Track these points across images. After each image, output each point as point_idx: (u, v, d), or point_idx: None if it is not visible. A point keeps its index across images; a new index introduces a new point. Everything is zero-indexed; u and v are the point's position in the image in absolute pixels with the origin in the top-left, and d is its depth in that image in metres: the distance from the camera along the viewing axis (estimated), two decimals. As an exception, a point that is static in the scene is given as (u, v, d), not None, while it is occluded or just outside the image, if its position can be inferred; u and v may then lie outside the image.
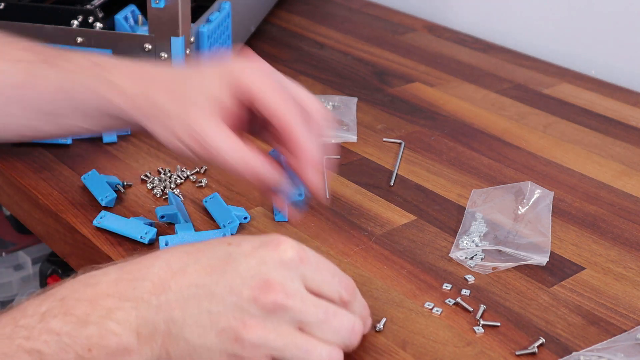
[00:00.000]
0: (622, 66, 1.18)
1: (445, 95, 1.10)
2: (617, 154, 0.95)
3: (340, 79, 1.14)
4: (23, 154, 0.88)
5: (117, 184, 0.83)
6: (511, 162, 0.93)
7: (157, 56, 0.91)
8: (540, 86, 1.14)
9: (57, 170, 0.86)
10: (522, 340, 0.64)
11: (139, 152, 0.90)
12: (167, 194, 0.82)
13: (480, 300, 0.68)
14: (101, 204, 0.79)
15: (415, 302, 0.68)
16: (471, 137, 0.98)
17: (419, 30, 1.35)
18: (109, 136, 0.91)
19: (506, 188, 0.84)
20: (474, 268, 0.73)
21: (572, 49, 1.24)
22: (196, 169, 0.87)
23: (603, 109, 1.07)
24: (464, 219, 0.79)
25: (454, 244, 0.76)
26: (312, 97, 0.70)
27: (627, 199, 0.86)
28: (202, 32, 0.96)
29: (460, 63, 1.21)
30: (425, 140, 0.97)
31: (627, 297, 0.70)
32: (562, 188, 0.87)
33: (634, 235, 0.79)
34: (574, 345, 0.64)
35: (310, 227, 0.78)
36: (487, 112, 1.05)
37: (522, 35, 1.30)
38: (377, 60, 1.21)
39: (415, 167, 0.90)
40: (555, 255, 0.75)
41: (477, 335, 0.64)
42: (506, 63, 1.22)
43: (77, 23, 0.94)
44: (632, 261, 0.75)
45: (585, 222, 0.81)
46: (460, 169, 0.90)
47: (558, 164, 0.93)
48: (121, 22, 0.93)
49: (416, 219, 0.80)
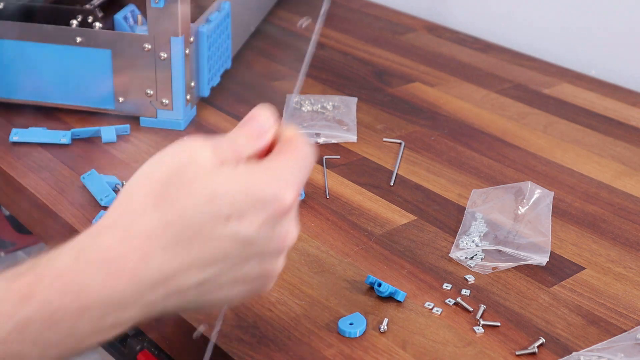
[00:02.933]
0: (622, 66, 1.18)
1: (445, 95, 1.10)
2: (617, 154, 0.95)
3: (340, 79, 1.14)
4: (23, 154, 0.88)
5: (117, 184, 0.83)
6: (511, 162, 0.93)
7: (157, 56, 0.91)
8: (540, 86, 1.14)
9: (56, 170, 0.86)
10: (522, 340, 0.64)
11: (138, 152, 0.90)
12: (166, 193, 0.82)
13: (480, 300, 0.68)
14: (100, 203, 0.79)
15: (415, 302, 0.68)
16: (471, 137, 0.98)
17: (419, 30, 1.35)
18: (108, 136, 0.91)
19: (506, 188, 0.84)
20: (474, 268, 0.73)
21: (572, 49, 1.24)
22: (196, 169, 0.87)
23: (603, 109, 1.07)
24: (464, 219, 0.79)
25: (454, 244, 0.76)
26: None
27: (627, 199, 0.86)
28: (201, 32, 0.96)
29: (460, 63, 1.21)
30: (425, 140, 0.97)
31: (627, 297, 0.70)
32: (562, 188, 0.87)
33: (634, 235, 0.79)
34: (574, 345, 0.64)
35: (310, 227, 0.78)
36: (487, 112, 1.05)
37: (522, 35, 1.30)
38: (377, 60, 1.21)
39: (415, 167, 0.90)
40: (555, 255, 0.75)
41: (477, 335, 0.64)
42: (506, 63, 1.21)
43: (76, 23, 0.94)
44: (632, 261, 0.75)
45: (585, 222, 0.81)
46: (460, 169, 0.90)
47: (558, 164, 0.93)
48: (121, 22, 0.93)
49: (416, 219, 0.80)
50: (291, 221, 0.53)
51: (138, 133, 0.94)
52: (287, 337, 0.64)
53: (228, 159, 0.51)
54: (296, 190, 0.52)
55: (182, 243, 0.49)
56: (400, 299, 0.67)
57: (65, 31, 0.92)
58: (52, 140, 0.90)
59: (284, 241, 0.53)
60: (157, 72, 0.92)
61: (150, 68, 0.92)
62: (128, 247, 0.49)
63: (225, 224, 0.49)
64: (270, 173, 0.51)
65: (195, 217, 0.49)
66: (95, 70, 0.93)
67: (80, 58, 0.92)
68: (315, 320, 0.65)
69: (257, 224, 0.50)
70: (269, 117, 0.55)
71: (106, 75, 0.93)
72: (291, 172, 0.52)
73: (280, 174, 0.52)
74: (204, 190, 0.50)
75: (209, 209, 0.49)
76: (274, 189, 0.51)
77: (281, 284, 0.69)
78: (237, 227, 0.50)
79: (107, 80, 0.93)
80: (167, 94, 0.93)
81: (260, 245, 0.51)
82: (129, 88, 0.93)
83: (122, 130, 0.93)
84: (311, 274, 0.71)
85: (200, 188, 0.50)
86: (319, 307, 0.67)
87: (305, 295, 0.68)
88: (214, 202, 0.49)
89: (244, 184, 0.50)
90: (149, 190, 0.50)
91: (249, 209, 0.50)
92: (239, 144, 0.53)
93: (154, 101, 0.94)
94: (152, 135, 0.94)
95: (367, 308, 0.67)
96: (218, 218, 0.49)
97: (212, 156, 0.51)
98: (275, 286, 0.69)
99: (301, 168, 0.53)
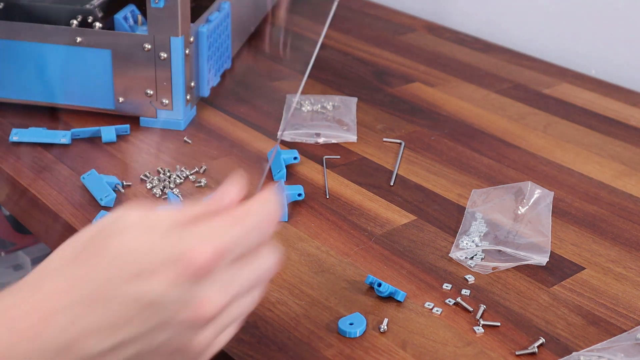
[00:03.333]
0: (622, 66, 1.18)
1: (445, 95, 1.10)
2: (617, 154, 0.95)
3: (340, 79, 1.14)
4: (23, 154, 0.88)
5: (117, 184, 0.83)
6: (511, 162, 0.93)
7: (157, 56, 0.91)
8: (540, 86, 1.14)
9: (56, 170, 0.86)
10: (522, 340, 0.64)
11: (138, 152, 0.90)
12: (166, 193, 0.82)
13: (480, 300, 0.68)
14: (100, 204, 0.79)
15: (415, 302, 0.68)
16: (471, 137, 0.98)
17: (419, 30, 1.35)
18: (108, 136, 0.91)
19: (506, 188, 0.84)
20: (474, 268, 0.73)
21: (572, 49, 1.24)
22: (195, 169, 0.87)
23: (603, 109, 1.07)
24: (464, 219, 0.79)
25: (454, 244, 0.76)
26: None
27: (627, 199, 0.86)
28: (201, 32, 0.96)
29: (460, 63, 1.21)
30: (425, 140, 0.97)
31: (627, 297, 0.70)
32: (562, 188, 0.87)
33: (634, 235, 0.79)
34: (574, 345, 0.64)
35: (310, 227, 0.78)
36: (487, 112, 1.05)
37: (522, 35, 1.30)
38: (377, 60, 1.21)
39: (415, 167, 0.90)
40: (555, 255, 0.75)
41: (477, 335, 0.64)
42: (506, 63, 1.21)
43: (76, 23, 0.94)
44: (632, 261, 0.75)
45: (585, 222, 0.81)
46: (460, 169, 0.90)
47: (558, 164, 0.93)
48: (120, 22, 0.93)
49: (416, 219, 0.80)
50: (213, 286, 0.46)
51: (138, 133, 0.94)
52: (287, 337, 0.64)
53: (161, 222, 0.47)
54: (215, 248, 0.45)
55: (87, 302, 0.45)
56: (400, 299, 0.67)
57: (65, 31, 0.92)
58: (52, 140, 0.90)
59: (201, 309, 0.46)
60: (157, 72, 0.92)
61: (150, 68, 0.92)
62: (31, 306, 0.45)
63: (130, 284, 0.45)
64: (189, 231, 0.46)
65: (101, 275, 0.45)
66: (95, 70, 0.93)
67: (80, 58, 0.92)
68: (315, 320, 0.65)
69: (164, 284, 0.45)
70: (233, 192, 0.50)
71: (106, 75, 0.93)
72: (214, 230, 0.47)
73: (199, 232, 0.46)
74: (115, 248, 0.46)
75: (115, 267, 0.45)
76: (185, 245, 0.45)
77: (281, 284, 0.70)
78: (143, 287, 0.45)
79: (107, 80, 0.93)
80: (167, 94, 0.93)
81: (170, 311, 0.45)
82: (129, 88, 0.93)
83: (122, 130, 0.93)
84: (311, 274, 0.71)
85: (113, 245, 0.46)
86: (319, 307, 0.67)
87: (305, 295, 0.68)
88: (121, 259, 0.45)
89: (155, 242, 0.46)
90: (70, 251, 0.47)
91: (156, 268, 0.45)
92: (182, 210, 0.48)
93: (154, 101, 0.94)
94: (152, 135, 0.94)
95: (367, 308, 0.67)
96: (123, 277, 0.45)
97: (140, 217, 0.47)
98: (275, 286, 0.69)
99: (233, 226, 0.47)
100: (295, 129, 0.96)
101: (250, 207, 0.49)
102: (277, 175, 0.85)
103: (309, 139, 0.95)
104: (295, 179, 0.86)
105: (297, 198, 0.81)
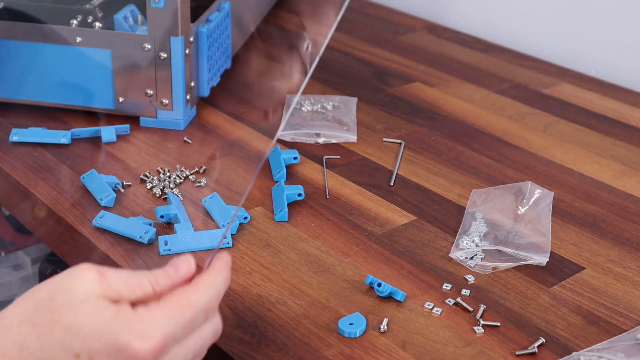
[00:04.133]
0: (622, 66, 1.18)
1: (445, 95, 1.10)
2: (617, 154, 0.95)
3: (340, 79, 1.14)
4: (23, 154, 0.88)
5: (117, 184, 0.83)
6: (511, 162, 0.93)
7: (157, 56, 0.91)
8: (540, 86, 1.14)
9: (56, 170, 0.86)
10: (522, 340, 0.64)
11: (138, 152, 0.90)
12: (166, 193, 0.82)
13: (480, 300, 0.68)
14: (100, 203, 0.79)
15: (415, 302, 0.68)
16: (471, 137, 0.98)
17: (419, 30, 1.35)
18: (108, 136, 0.91)
19: (506, 188, 0.84)
20: (474, 268, 0.73)
21: (572, 49, 1.24)
22: (195, 169, 0.87)
23: (603, 109, 1.07)
24: (464, 219, 0.79)
25: (454, 244, 0.76)
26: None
27: (627, 199, 0.86)
28: (201, 32, 0.96)
29: (460, 63, 1.21)
30: (425, 140, 0.97)
31: (627, 297, 0.70)
32: (562, 188, 0.87)
33: (634, 235, 0.79)
34: (574, 345, 0.64)
35: (310, 227, 0.78)
36: (487, 112, 1.05)
37: (522, 35, 1.30)
38: (377, 60, 1.21)
39: (415, 167, 0.90)
40: (555, 255, 0.75)
41: (477, 335, 0.64)
42: (506, 63, 1.21)
43: (76, 23, 0.94)
44: (632, 261, 0.75)
45: (585, 222, 0.81)
46: (460, 169, 0.90)
47: (558, 164, 0.93)
48: (120, 21, 0.93)
49: (416, 219, 0.80)
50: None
51: (138, 133, 0.94)
52: (287, 337, 0.64)
53: (114, 294, 0.49)
54: (159, 341, 0.48)
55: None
56: (400, 299, 0.67)
57: (65, 31, 0.92)
58: (52, 140, 0.90)
59: None
60: (157, 72, 0.92)
61: (150, 68, 0.92)
62: None
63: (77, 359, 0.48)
64: (137, 319, 0.49)
65: (52, 344, 0.48)
66: (95, 70, 0.93)
67: (80, 58, 0.92)
68: (315, 320, 0.65)
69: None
70: (184, 268, 0.53)
71: (106, 75, 0.93)
72: (156, 323, 0.49)
73: (145, 323, 0.49)
74: (65, 320, 0.48)
75: (65, 340, 0.47)
76: (128, 338, 0.48)
77: (281, 284, 0.70)
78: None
79: (107, 80, 0.93)
80: (167, 94, 0.93)
81: None
82: (128, 88, 0.93)
83: (122, 130, 0.93)
84: (311, 274, 0.71)
85: (64, 316, 0.48)
86: (319, 307, 0.67)
87: (305, 295, 0.68)
88: (69, 335, 0.47)
89: (104, 324, 0.48)
90: (22, 308, 0.49)
91: (99, 352, 0.47)
92: (135, 280, 0.50)
93: (154, 101, 0.94)
94: (152, 135, 0.94)
95: (367, 308, 0.67)
96: (68, 352, 0.47)
97: (95, 286, 0.49)
98: (275, 286, 0.69)
99: (182, 313, 0.50)
100: (295, 129, 0.96)
101: (198, 287, 0.51)
102: (277, 175, 0.85)
103: (309, 139, 0.95)
104: (295, 179, 0.86)
105: (297, 198, 0.81)
